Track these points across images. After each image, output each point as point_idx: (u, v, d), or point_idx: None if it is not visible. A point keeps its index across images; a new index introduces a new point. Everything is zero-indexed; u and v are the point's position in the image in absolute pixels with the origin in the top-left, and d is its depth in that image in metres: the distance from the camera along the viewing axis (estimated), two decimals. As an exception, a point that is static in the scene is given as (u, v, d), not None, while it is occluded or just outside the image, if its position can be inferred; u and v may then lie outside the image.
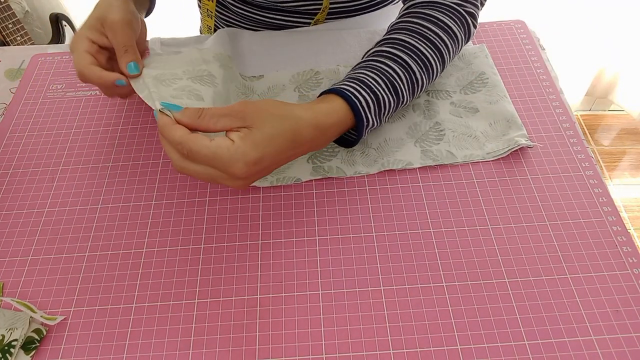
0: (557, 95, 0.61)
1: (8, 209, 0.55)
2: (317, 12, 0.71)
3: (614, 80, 1.67)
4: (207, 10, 0.78)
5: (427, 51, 0.55)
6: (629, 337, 0.43)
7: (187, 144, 0.44)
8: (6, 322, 0.46)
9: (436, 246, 0.50)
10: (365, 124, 0.52)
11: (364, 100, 0.51)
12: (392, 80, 0.53)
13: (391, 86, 0.53)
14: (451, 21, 0.56)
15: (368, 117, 0.52)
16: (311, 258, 0.49)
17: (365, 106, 0.51)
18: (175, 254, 0.50)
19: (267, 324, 0.46)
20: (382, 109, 0.53)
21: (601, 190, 0.53)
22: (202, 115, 0.45)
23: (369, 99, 0.51)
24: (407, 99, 0.56)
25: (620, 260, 0.48)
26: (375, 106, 0.52)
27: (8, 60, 0.72)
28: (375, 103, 0.52)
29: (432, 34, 0.55)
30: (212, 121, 0.45)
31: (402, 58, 0.54)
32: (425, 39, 0.55)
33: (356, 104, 0.51)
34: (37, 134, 0.62)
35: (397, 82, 0.53)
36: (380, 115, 0.53)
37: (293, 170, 0.56)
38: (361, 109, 0.51)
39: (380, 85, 0.52)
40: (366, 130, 0.53)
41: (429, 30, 0.55)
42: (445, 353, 0.43)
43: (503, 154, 0.56)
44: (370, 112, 0.52)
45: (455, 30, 0.57)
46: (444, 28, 0.56)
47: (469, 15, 0.58)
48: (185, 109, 0.46)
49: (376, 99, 0.52)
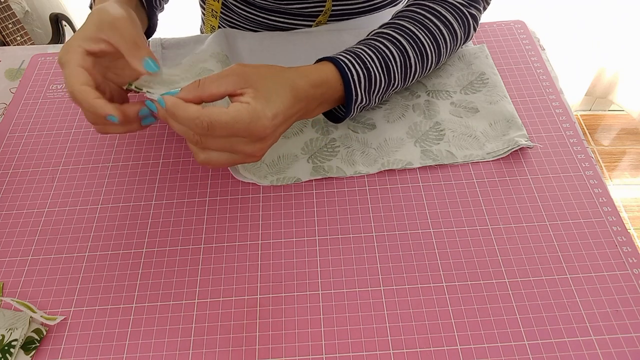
0: (557, 95, 0.61)
1: (8, 209, 0.55)
2: (319, 15, 0.71)
3: (614, 80, 1.67)
4: (212, 11, 0.78)
5: (425, 40, 0.56)
6: (629, 337, 0.43)
7: (205, 116, 0.42)
8: (6, 322, 0.46)
9: (436, 246, 0.50)
10: (354, 98, 0.53)
11: (356, 73, 0.52)
12: (387, 60, 0.54)
13: (384, 65, 0.54)
14: (453, 18, 0.58)
15: (358, 91, 0.52)
16: (311, 258, 0.49)
17: (357, 79, 0.52)
18: (175, 254, 0.50)
19: (267, 324, 0.46)
20: (372, 86, 0.54)
21: (601, 190, 0.53)
22: (202, 84, 0.44)
23: (361, 73, 0.52)
24: (399, 82, 0.56)
25: (620, 260, 0.48)
26: (366, 82, 0.53)
27: (8, 60, 0.72)
28: (367, 78, 0.53)
29: (434, 25, 0.57)
30: (213, 86, 0.44)
31: (400, 42, 0.55)
32: (426, 28, 0.57)
33: (347, 74, 0.52)
34: (37, 134, 0.62)
35: (391, 63, 0.54)
36: (370, 93, 0.54)
37: (293, 170, 0.56)
38: (352, 81, 0.52)
39: (374, 62, 0.53)
40: (355, 107, 0.54)
41: (430, 22, 0.57)
42: (445, 353, 0.43)
43: (503, 154, 0.56)
44: (361, 87, 0.53)
45: (456, 28, 0.58)
46: (445, 23, 0.58)
47: (471, 17, 0.59)
48: (183, 88, 0.44)
49: (368, 74, 0.53)
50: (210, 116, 0.42)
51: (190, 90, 0.44)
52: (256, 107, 0.43)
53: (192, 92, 0.44)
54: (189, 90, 0.44)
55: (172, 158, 0.58)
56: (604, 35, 1.54)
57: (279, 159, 0.57)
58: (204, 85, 0.44)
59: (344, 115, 0.55)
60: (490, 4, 0.63)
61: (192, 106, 0.43)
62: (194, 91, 0.44)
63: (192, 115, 0.42)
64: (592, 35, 1.54)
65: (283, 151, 0.57)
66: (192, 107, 0.43)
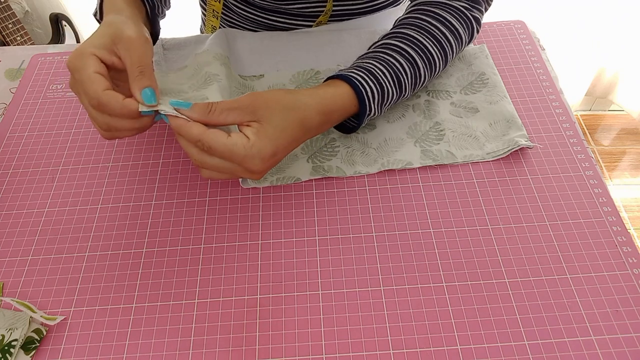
0: (557, 95, 0.61)
1: (8, 209, 0.55)
2: (320, 15, 0.71)
3: (614, 80, 1.67)
4: (214, 11, 0.78)
5: (433, 49, 0.57)
6: (629, 337, 0.43)
7: (206, 141, 0.44)
8: (6, 322, 0.46)
9: (436, 246, 0.50)
10: (368, 113, 0.54)
11: (370, 90, 0.53)
12: (397, 73, 0.55)
13: (396, 79, 0.55)
14: (458, 23, 0.58)
15: (372, 106, 0.53)
16: (311, 258, 0.49)
17: (371, 96, 0.53)
18: (175, 254, 0.50)
19: (267, 324, 0.46)
20: (384, 100, 0.55)
21: (601, 190, 0.53)
22: (212, 109, 0.45)
23: (375, 90, 0.53)
24: (409, 92, 0.57)
25: (620, 260, 0.48)
26: (380, 97, 0.54)
27: (8, 60, 0.72)
28: (380, 94, 0.54)
29: (440, 33, 0.57)
30: (222, 116, 0.45)
31: (409, 53, 0.55)
32: (432, 37, 0.57)
33: (362, 92, 0.52)
34: (37, 134, 0.62)
35: (402, 76, 0.55)
36: (382, 106, 0.55)
37: (293, 170, 0.56)
38: (367, 98, 0.52)
39: (386, 77, 0.54)
40: (366, 119, 0.55)
41: (436, 29, 0.57)
42: (445, 353, 0.43)
43: (503, 154, 0.56)
44: (375, 102, 0.53)
45: (461, 32, 0.58)
46: (451, 29, 0.57)
47: (474, 20, 0.60)
48: (195, 105, 0.45)
49: (381, 89, 0.53)
50: (212, 141, 0.44)
51: (201, 113, 0.45)
52: (254, 146, 0.44)
53: (202, 115, 0.45)
54: (200, 113, 0.45)
55: (172, 158, 0.58)
56: (604, 35, 1.54)
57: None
58: (214, 112, 0.45)
59: (356, 125, 0.56)
60: (491, 5, 0.63)
61: (195, 128, 0.44)
62: (203, 115, 0.45)
63: (194, 137, 0.44)
64: (592, 35, 1.54)
65: None
66: (195, 128, 0.44)
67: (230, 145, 0.44)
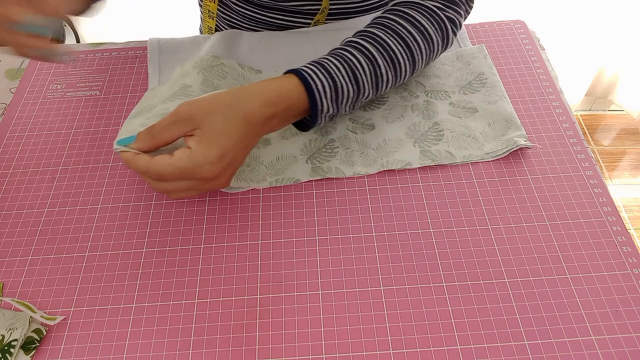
0: (557, 95, 0.61)
1: (8, 209, 0.55)
2: (317, 13, 0.71)
3: (614, 80, 1.67)
4: (209, 12, 0.78)
5: (396, 47, 0.55)
6: (629, 337, 0.43)
7: (153, 170, 0.45)
8: (6, 322, 0.46)
9: (436, 246, 0.50)
10: (320, 108, 0.52)
11: (320, 83, 0.51)
12: (354, 69, 0.53)
13: (352, 75, 0.53)
14: (428, 23, 0.56)
15: (323, 101, 0.51)
16: (311, 258, 0.49)
17: (322, 89, 0.51)
18: (175, 254, 0.51)
19: (267, 324, 0.46)
20: (339, 96, 0.52)
21: (601, 190, 0.53)
22: (153, 134, 0.46)
23: (326, 83, 0.51)
24: (370, 92, 0.55)
25: (620, 260, 0.48)
26: (332, 92, 0.52)
27: (8, 60, 0.72)
28: (333, 88, 0.52)
29: (406, 32, 0.55)
30: (165, 134, 0.46)
31: (368, 49, 0.54)
32: (398, 35, 0.55)
33: (311, 85, 0.51)
34: (37, 134, 0.62)
35: (359, 72, 0.53)
36: (337, 103, 0.53)
37: (292, 171, 0.56)
38: (317, 92, 0.51)
39: (340, 72, 0.52)
40: (322, 116, 0.53)
41: (403, 28, 0.55)
42: (445, 353, 0.43)
43: (502, 154, 0.56)
44: (327, 97, 0.52)
45: (431, 33, 0.56)
46: (419, 28, 0.56)
47: (448, 20, 0.57)
48: (138, 135, 0.47)
49: (334, 84, 0.52)
50: (156, 168, 0.45)
51: (144, 140, 0.46)
52: (197, 154, 0.44)
53: (146, 142, 0.46)
54: (143, 141, 0.46)
55: (172, 158, 0.58)
56: (604, 35, 1.54)
57: (278, 159, 0.56)
58: (156, 135, 0.46)
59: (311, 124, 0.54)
60: (473, 6, 0.61)
61: (140, 160, 0.45)
62: (148, 142, 0.46)
63: (142, 169, 0.45)
64: (592, 35, 1.54)
65: (282, 152, 0.57)
66: (140, 161, 0.45)
67: (174, 163, 0.44)
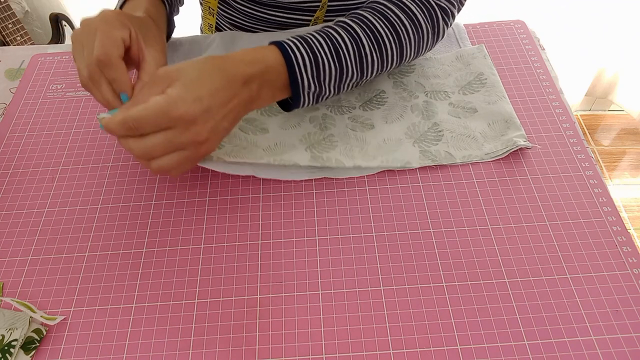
0: (557, 95, 0.61)
1: (8, 209, 0.55)
2: (317, 9, 0.71)
3: (614, 80, 1.67)
4: (209, 8, 0.78)
5: (382, 29, 0.54)
6: (629, 337, 0.43)
7: (129, 117, 0.44)
8: (6, 322, 0.46)
9: (436, 246, 0.50)
10: (300, 83, 0.51)
11: (300, 56, 0.51)
12: (337, 46, 0.52)
13: (334, 51, 0.52)
14: (417, 9, 0.56)
15: (303, 75, 0.51)
16: (311, 258, 0.49)
17: (302, 62, 0.51)
18: (175, 254, 0.51)
19: (267, 324, 0.46)
20: (320, 72, 0.52)
21: (601, 190, 0.53)
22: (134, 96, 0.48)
23: (307, 57, 0.51)
24: (354, 73, 0.54)
25: (620, 260, 0.48)
26: (313, 67, 0.51)
27: (8, 60, 0.72)
28: (314, 63, 0.51)
29: (393, 15, 0.55)
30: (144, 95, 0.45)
31: (353, 28, 0.54)
32: (385, 18, 0.55)
33: (290, 56, 0.50)
34: (37, 134, 0.62)
35: (341, 50, 0.52)
36: (320, 80, 0.52)
37: (290, 155, 0.55)
38: (296, 64, 0.50)
39: (322, 47, 0.52)
40: (305, 94, 0.52)
41: (390, 11, 0.55)
42: (445, 353, 0.43)
43: (501, 154, 0.56)
44: (307, 72, 0.51)
45: (420, 19, 0.56)
46: (408, 13, 0.55)
47: (439, 9, 0.57)
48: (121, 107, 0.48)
49: (314, 58, 0.51)
50: (133, 115, 0.44)
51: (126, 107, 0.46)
52: (172, 94, 0.44)
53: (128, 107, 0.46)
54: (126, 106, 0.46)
55: (172, 158, 0.58)
56: (604, 35, 1.54)
57: (276, 145, 0.56)
58: (136, 97, 0.46)
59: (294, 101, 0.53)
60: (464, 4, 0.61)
61: (119, 114, 0.45)
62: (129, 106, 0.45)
63: (120, 122, 0.44)
64: (592, 35, 1.54)
65: (281, 139, 0.57)
66: (119, 115, 0.45)
67: (151, 104, 0.43)
